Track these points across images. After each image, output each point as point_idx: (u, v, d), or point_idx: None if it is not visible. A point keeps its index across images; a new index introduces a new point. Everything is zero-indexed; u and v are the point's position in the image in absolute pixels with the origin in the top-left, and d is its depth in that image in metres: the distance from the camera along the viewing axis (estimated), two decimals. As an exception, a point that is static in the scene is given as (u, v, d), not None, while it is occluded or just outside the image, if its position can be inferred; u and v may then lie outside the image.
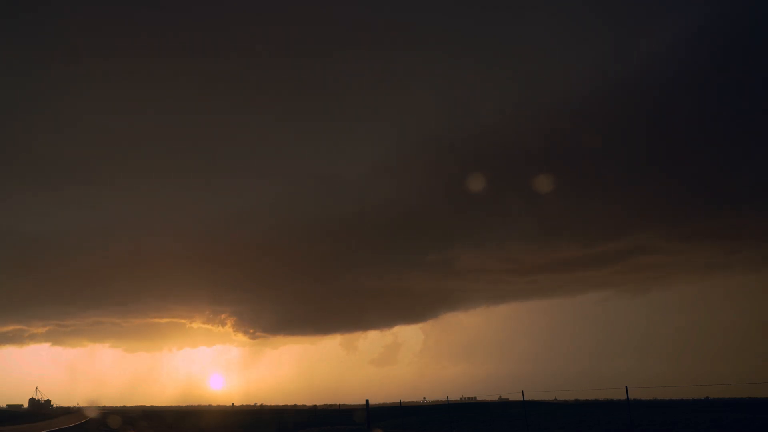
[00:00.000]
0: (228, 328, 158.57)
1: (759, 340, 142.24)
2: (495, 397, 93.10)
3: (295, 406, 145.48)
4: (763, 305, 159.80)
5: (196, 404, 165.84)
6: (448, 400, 56.88)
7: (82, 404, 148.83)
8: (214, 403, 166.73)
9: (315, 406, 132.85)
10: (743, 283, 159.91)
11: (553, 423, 34.56)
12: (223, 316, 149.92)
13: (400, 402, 68.22)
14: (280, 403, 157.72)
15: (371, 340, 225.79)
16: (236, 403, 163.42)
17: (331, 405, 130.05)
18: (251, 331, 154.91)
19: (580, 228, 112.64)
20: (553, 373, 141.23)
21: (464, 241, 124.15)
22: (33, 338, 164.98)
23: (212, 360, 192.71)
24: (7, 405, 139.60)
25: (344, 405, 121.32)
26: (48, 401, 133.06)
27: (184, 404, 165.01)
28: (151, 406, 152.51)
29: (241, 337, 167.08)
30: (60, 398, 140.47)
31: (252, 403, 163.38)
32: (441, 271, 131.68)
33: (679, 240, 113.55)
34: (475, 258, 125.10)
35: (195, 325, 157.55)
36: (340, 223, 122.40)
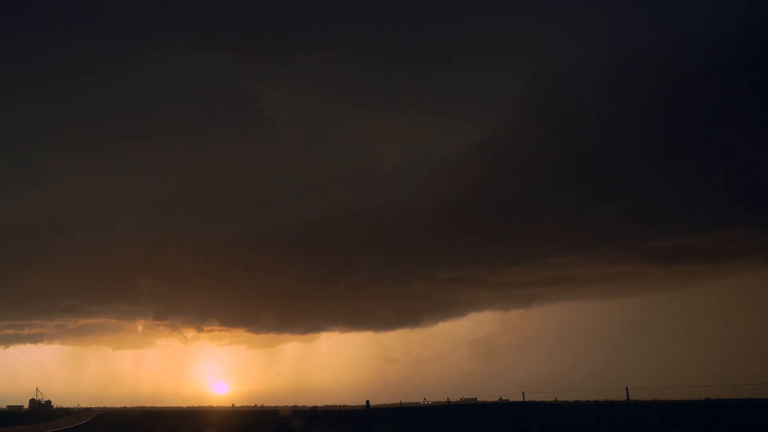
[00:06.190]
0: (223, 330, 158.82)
1: (760, 341, 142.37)
2: (495, 398, 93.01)
3: (295, 406, 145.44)
4: (764, 306, 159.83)
5: (196, 405, 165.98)
6: (448, 401, 57.00)
7: (82, 405, 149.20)
8: (214, 404, 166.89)
9: (315, 407, 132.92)
10: (745, 285, 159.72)
11: (554, 424, 34.66)
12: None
13: (401, 403, 68.29)
14: (280, 404, 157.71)
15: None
16: (236, 404, 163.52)
17: (331, 406, 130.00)
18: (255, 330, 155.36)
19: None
20: (554, 375, 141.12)
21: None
22: (32, 338, 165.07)
23: (211, 361, 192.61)
24: (7, 406, 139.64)
25: (345, 406, 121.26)
26: (48, 402, 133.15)
27: (184, 405, 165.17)
28: (152, 407, 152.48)
29: (245, 335, 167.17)
30: (59, 399, 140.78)
31: (252, 404, 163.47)
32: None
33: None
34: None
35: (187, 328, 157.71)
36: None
